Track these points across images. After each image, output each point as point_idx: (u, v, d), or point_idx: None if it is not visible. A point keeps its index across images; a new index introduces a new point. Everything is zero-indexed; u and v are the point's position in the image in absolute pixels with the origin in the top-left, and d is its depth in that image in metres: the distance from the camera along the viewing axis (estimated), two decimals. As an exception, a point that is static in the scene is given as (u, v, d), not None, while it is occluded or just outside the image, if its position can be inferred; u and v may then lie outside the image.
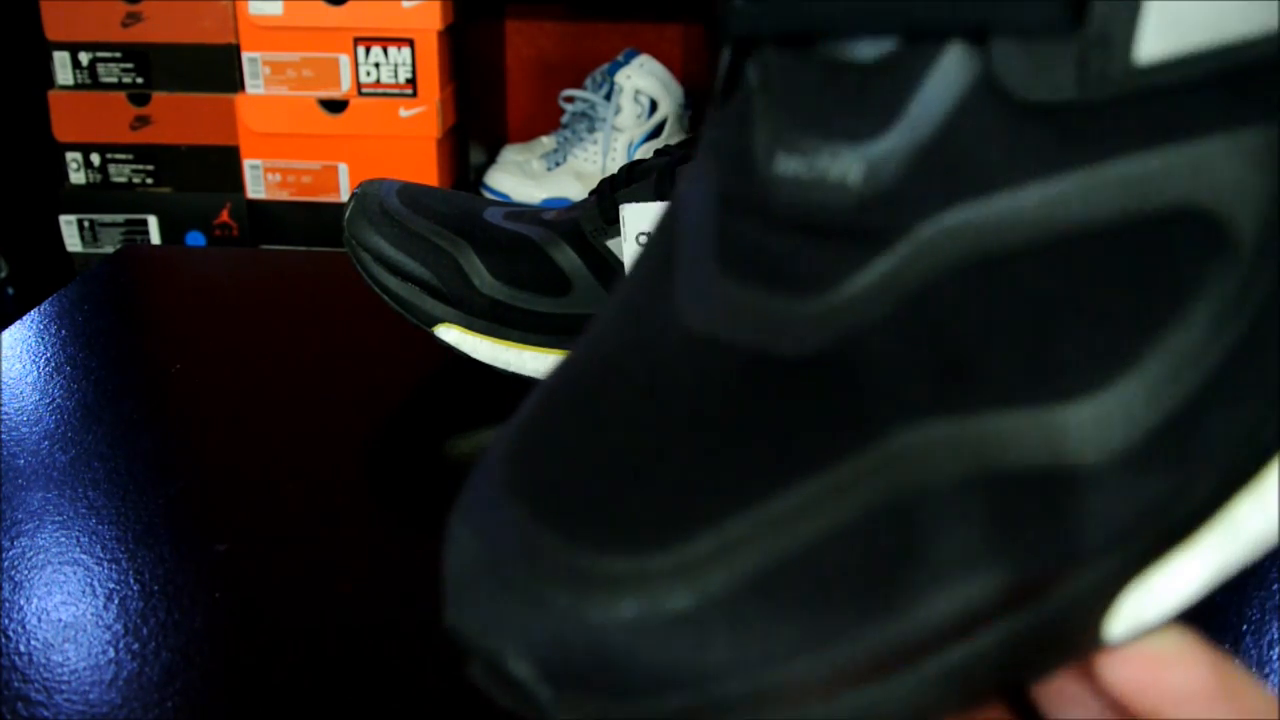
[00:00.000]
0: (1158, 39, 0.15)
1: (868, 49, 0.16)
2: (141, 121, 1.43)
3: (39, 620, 0.33)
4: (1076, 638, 0.16)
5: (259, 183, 1.44)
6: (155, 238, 1.47)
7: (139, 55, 1.40)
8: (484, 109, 1.58)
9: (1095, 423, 0.15)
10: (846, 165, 0.16)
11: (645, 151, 1.50)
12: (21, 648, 0.31)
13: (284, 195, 1.45)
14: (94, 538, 0.37)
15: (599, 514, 0.15)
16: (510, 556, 0.15)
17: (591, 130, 1.53)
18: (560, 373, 0.18)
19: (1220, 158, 0.15)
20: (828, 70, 0.16)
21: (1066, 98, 0.15)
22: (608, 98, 1.51)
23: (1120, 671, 0.17)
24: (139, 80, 1.41)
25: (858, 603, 0.14)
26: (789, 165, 0.17)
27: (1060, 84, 0.15)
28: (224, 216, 1.46)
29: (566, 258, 0.47)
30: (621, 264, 0.47)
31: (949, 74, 0.16)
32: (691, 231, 0.18)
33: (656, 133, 1.52)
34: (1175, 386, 0.15)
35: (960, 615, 0.15)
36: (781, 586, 0.14)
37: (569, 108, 1.56)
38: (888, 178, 0.16)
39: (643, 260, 0.19)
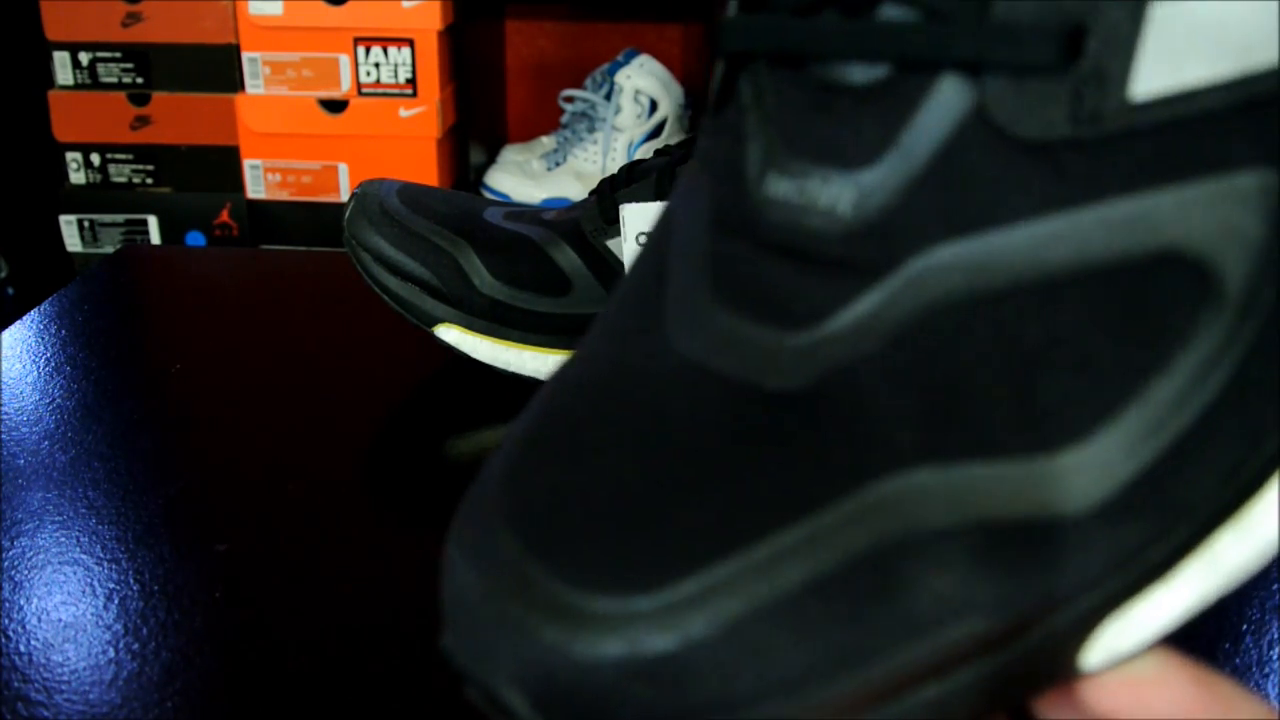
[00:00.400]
0: (1154, 75, 0.15)
1: (860, 73, 0.16)
2: (141, 121, 1.43)
3: (39, 620, 0.33)
4: (1053, 669, 0.16)
5: (259, 183, 1.44)
6: (155, 238, 1.47)
7: (139, 55, 1.40)
8: (484, 109, 1.58)
9: (1077, 474, 0.15)
10: (837, 192, 0.16)
11: (645, 151, 1.50)
12: (21, 648, 0.31)
13: (284, 195, 1.45)
14: (94, 538, 0.37)
15: (588, 552, 0.15)
16: (504, 588, 0.16)
17: (591, 130, 1.53)
18: (555, 391, 0.18)
19: (1212, 201, 0.15)
20: (820, 91, 0.16)
21: (1060, 135, 0.15)
22: (608, 98, 1.51)
23: (1103, 698, 0.17)
24: (139, 80, 1.41)
25: (835, 650, 0.15)
26: (780, 187, 0.16)
27: (1054, 121, 0.15)
28: (224, 216, 1.46)
29: (566, 258, 0.47)
30: (621, 264, 0.47)
31: (943, 105, 0.15)
32: (683, 251, 0.18)
33: (656, 133, 1.52)
34: (1156, 437, 0.15)
35: (937, 660, 0.15)
36: (761, 633, 0.15)
37: (569, 108, 1.56)
38: (878, 208, 0.16)
39: (634, 277, 0.19)
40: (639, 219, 0.46)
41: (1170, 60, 0.15)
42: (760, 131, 0.17)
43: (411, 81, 1.39)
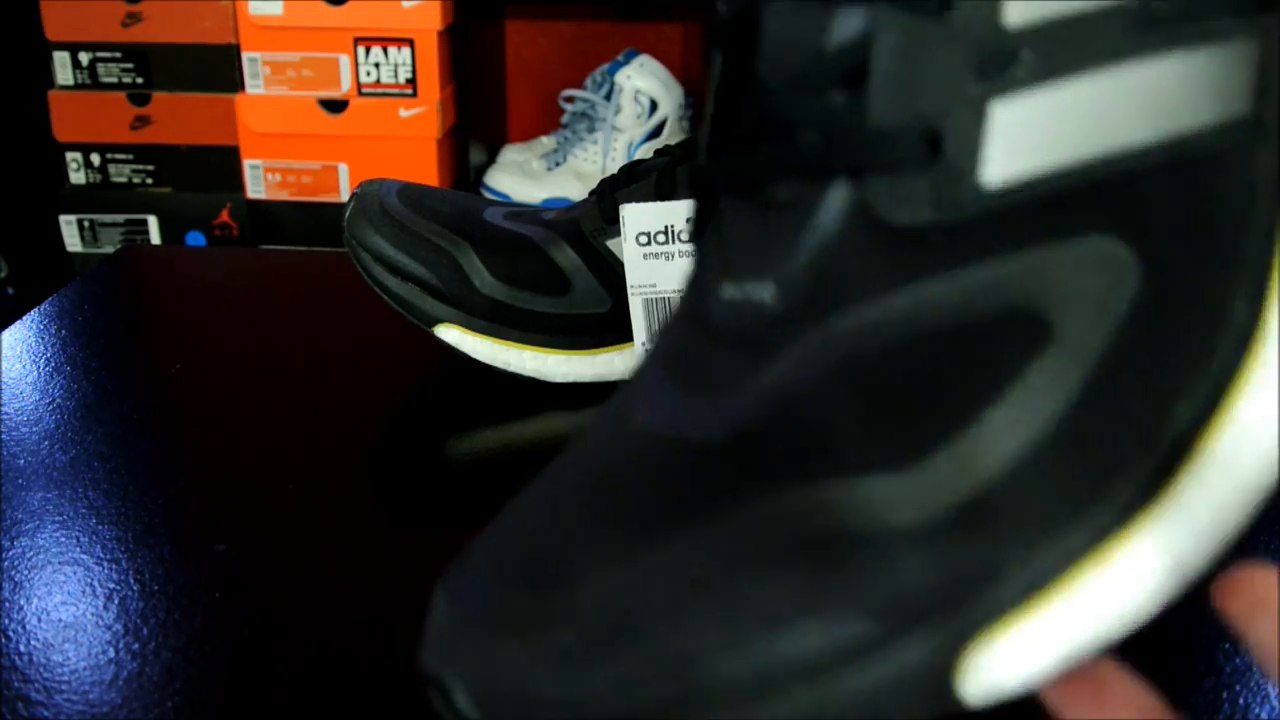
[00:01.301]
0: (1001, 166, 0.18)
1: (784, 190, 0.19)
2: (141, 121, 1.43)
3: (39, 620, 0.33)
4: (930, 696, 0.18)
5: (259, 183, 1.44)
6: (155, 238, 1.47)
7: (139, 55, 1.40)
8: (484, 109, 1.58)
9: (910, 490, 0.17)
10: (764, 288, 0.20)
11: (645, 151, 1.50)
12: (21, 648, 0.31)
13: (284, 195, 1.45)
14: (94, 538, 0.37)
15: (516, 565, 0.19)
16: (468, 609, 0.19)
17: (591, 130, 1.53)
18: (552, 465, 0.22)
19: (1051, 265, 0.18)
20: (758, 211, 0.20)
21: (926, 219, 0.18)
22: (608, 98, 1.51)
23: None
24: (139, 80, 1.41)
25: (702, 641, 0.17)
26: (729, 291, 0.20)
27: (920, 208, 0.18)
28: (224, 216, 1.46)
29: (566, 258, 0.47)
30: (621, 264, 0.47)
31: (834, 205, 0.19)
32: (657, 346, 0.22)
33: (656, 133, 1.52)
34: (984, 462, 0.17)
35: (791, 663, 0.17)
36: (632, 637, 0.17)
37: (569, 108, 1.56)
38: (789, 297, 0.19)
39: (632, 378, 0.23)
40: (639, 219, 0.46)
41: (1014, 154, 0.18)
42: (718, 249, 0.21)
43: (411, 81, 1.39)
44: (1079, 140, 0.18)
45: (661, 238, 0.46)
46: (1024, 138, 0.18)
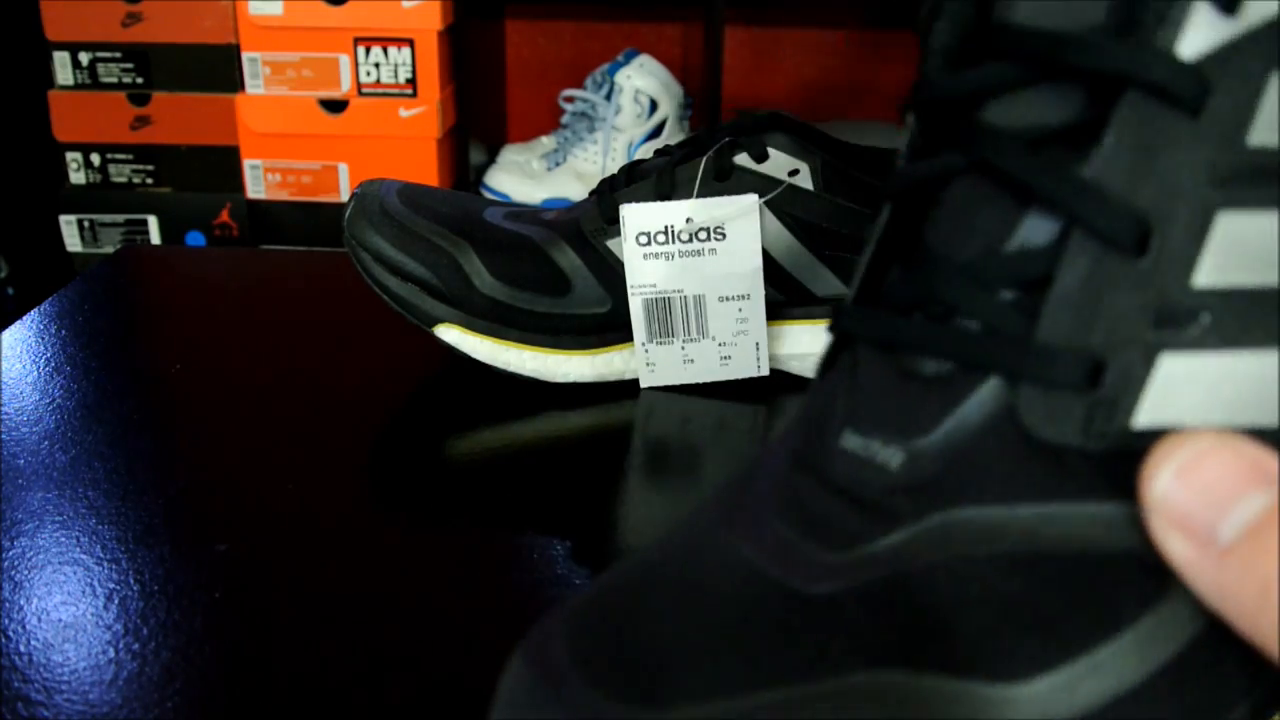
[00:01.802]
0: (1154, 413, 0.18)
1: (931, 366, 0.20)
2: (141, 121, 1.43)
3: (39, 620, 0.33)
4: None
5: (259, 183, 1.44)
6: (155, 238, 1.47)
7: (139, 55, 1.40)
8: (484, 109, 1.58)
9: (1012, 703, 0.18)
10: (892, 453, 0.20)
11: (645, 151, 1.50)
12: (21, 648, 0.31)
13: (284, 195, 1.45)
14: (94, 538, 0.37)
15: (616, 671, 0.19)
16: (556, 699, 0.19)
17: (591, 130, 1.52)
18: (638, 562, 0.22)
19: None
20: (900, 375, 0.20)
21: (1071, 442, 0.18)
22: (608, 98, 1.51)
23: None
24: (139, 80, 1.41)
25: None
26: (851, 441, 0.20)
27: (1067, 430, 0.18)
28: (224, 216, 1.46)
29: (566, 258, 0.47)
30: (621, 264, 0.47)
31: (984, 401, 0.19)
32: (765, 477, 0.22)
33: (656, 133, 1.52)
34: (1089, 690, 0.18)
35: None
36: None
37: (569, 108, 1.56)
38: (917, 471, 0.19)
39: (723, 489, 0.23)
40: (639, 219, 0.46)
41: (1169, 402, 0.18)
42: (849, 396, 0.21)
43: (411, 81, 1.39)
44: (1233, 409, 0.18)
45: (661, 238, 0.46)
46: (1183, 393, 0.18)
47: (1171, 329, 0.18)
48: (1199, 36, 0.17)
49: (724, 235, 0.46)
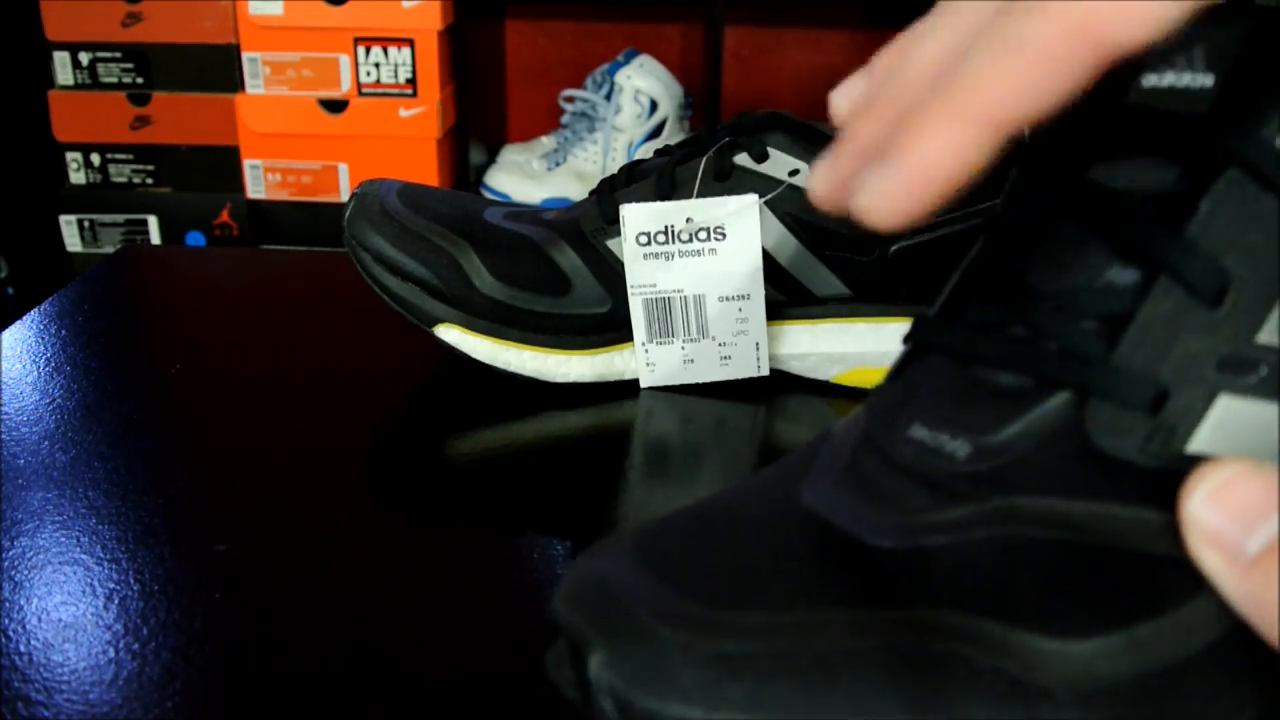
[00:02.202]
0: (1205, 443, 0.21)
1: (1007, 379, 0.23)
2: (141, 121, 1.43)
3: (39, 620, 0.33)
4: None
5: (259, 183, 1.44)
6: (155, 238, 1.47)
7: (139, 55, 1.40)
8: (484, 109, 1.58)
9: (1063, 661, 0.20)
10: (959, 445, 0.23)
11: (645, 151, 1.50)
12: (21, 648, 0.31)
13: (284, 195, 1.45)
14: (94, 538, 0.37)
15: (693, 576, 0.22)
16: (630, 592, 0.22)
17: (591, 130, 1.52)
18: (704, 502, 0.25)
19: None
20: (972, 383, 0.23)
21: (1129, 457, 0.21)
22: (608, 98, 1.51)
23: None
24: (139, 80, 1.41)
25: (822, 712, 0.20)
26: (919, 432, 0.23)
27: (1128, 446, 0.21)
28: (224, 216, 1.46)
29: (566, 258, 0.47)
30: (621, 264, 0.47)
31: (1054, 411, 0.22)
32: (830, 453, 0.25)
33: (656, 133, 1.52)
34: (1135, 660, 0.20)
35: None
36: (778, 669, 0.20)
37: (569, 108, 1.56)
38: (982, 460, 0.22)
39: (784, 462, 0.26)
40: (639, 219, 0.46)
41: (1220, 437, 0.21)
42: (922, 395, 0.24)
43: (411, 81, 1.39)
44: (1273, 451, 0.21)
45: (661, 238, 0.46)
46: (1233, 431, 0.21)
47: (1232, 374, 0.21)
48: None
49: (724, 235, 0.46)
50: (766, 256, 0.46)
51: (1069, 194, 0.22)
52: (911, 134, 0.19)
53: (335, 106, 1.40)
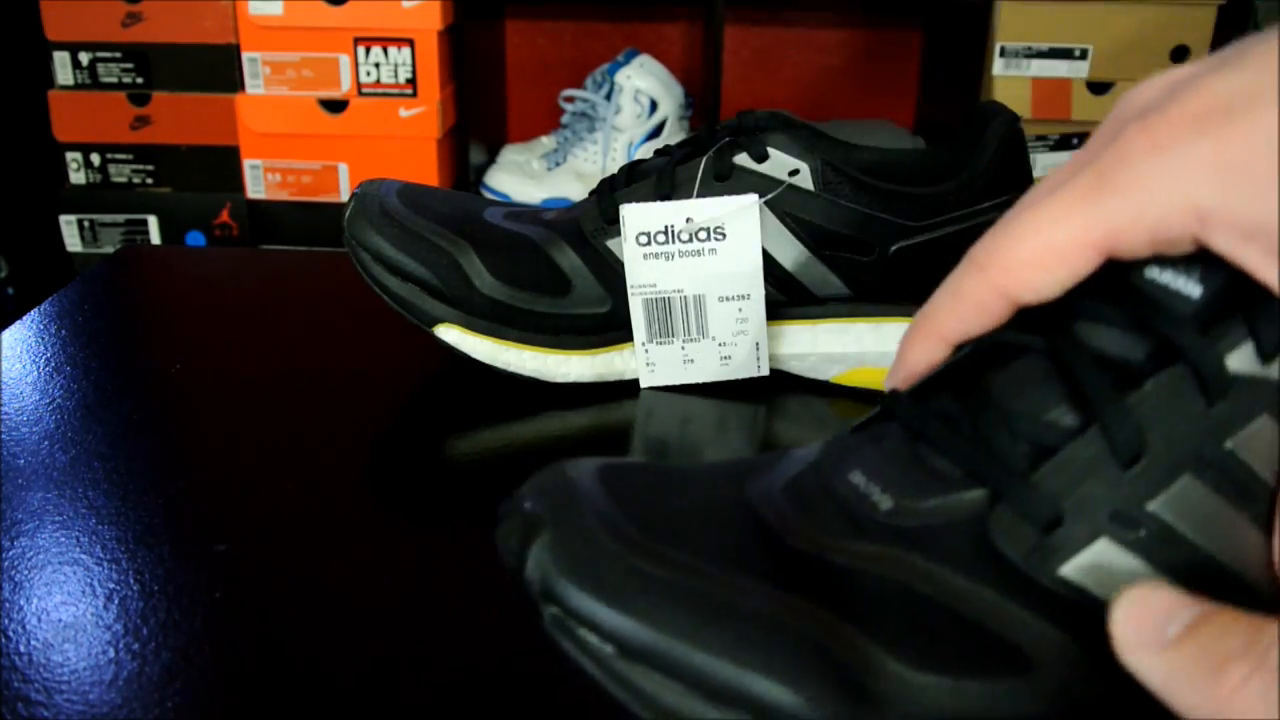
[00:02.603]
0: (1074, 571, 0.24)
1: (945, 464, 0.26)
2: (141, 121, 1.43)
3: (39, 620, 0.33)
4: None
5: (259, 183, 1.44)
6: (155, 238, 1.47)
7: (139, 55, 1.40)
8: (484, 109, 1.58)
9: (899, 680, 0.24)
10: (885, 499, 0.26)
11: (645, 151, 1.50)
12: (21, 648, 0.31)
13: (284, 195, 1.45)
14: (94, 538, 0.37)
15: (641, 508, 0.27)
16: (583, 505, 0.26)
17: (591, 130, 1.53)
18: (674, 465, 0.30)
19: (1040, 627, 0.25)
20: (918, 458, 0.27)
21: (1011, 558, 0.25)
22: (608, 98, 1.51)
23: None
24: (139, 80, 1.41)
25: (701, 648, 0.24)
26: (858, 478, 0.27)
27: (1013, 550, 0.25)
28: (224, 216, 1.46)
29: (566, 258, 0.47)
30: (621, 264, 0.47)
31: (969, 501, 0.26)
32: (784, 466, 0.29)
33: (656, 133, 1.52)
34: (964, 701, 0.24)
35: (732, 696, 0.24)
36: (679, 598, 0.25)
37: (569, 108, 1.56)
38: (898, 519, 0.26)
39: (754, 459, 0.30)
40: (639, 219, 0.46)
41: (1088, 570, 0.24)
42: (868, 448, 0.28)
43: (411, 81, 1.39)
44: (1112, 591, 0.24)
45: (661, 238, 0.46)
46: (1101, 570, 0.24)
47: (1118, 526, 0.24)
48: (1239, 361, 0.24)
49: (724, 235, 0.46)
50: (766, 256, 0.46)
51: (1052, 340, 0.26)
52: (903, 344, 0.30)
53: (335, 106, 1.40)
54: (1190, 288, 0.25)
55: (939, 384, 0.29)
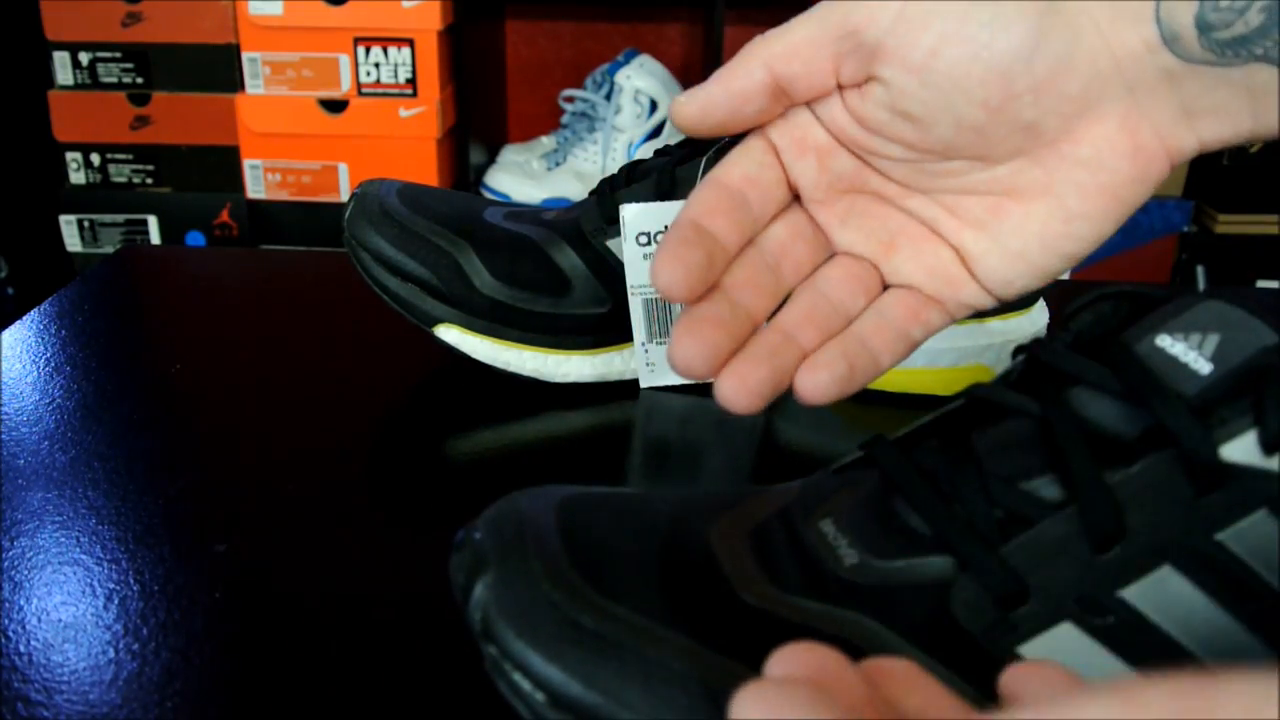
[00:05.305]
0: (1032, 648, 0.24)
1: (917, 522, 0.26)
2: (141, 121, 1.43)
3: (39, 620, 0.33)
4: None
5: (259, 183, 1.44)
6: (155, 238, 1.47)
7: (139, 55, 1.40)
8: (484, 109, 1.58)
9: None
10: (851, 553, 0.26)
11: (645, 151, 1.50)
12: (21, 648, 0.31)
13: (284, 195, 1.44)
14: (94, 538, 0.37)
15: (590, 553, 0.26)
16: (534, 532, 0.26)
17: (591, 130, 1.52)
18: (640, 495, 0.29)
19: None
20: (890, 513, 0.26)
21: (970, 629, 0.24)
22: (608, 98, 1.51)
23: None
24: (139, 80, 1.41)
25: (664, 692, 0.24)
26: (827, 527, 0.27)
27: (973, 623, 0.24)
28: (224, 216, 1.46)
29: (566, 258, 0.47)
30: (621, 264, 0.47)
31: (934, 567, 0.25)
32: (755, 505, 0.28)
33: (656, 133, 1.52)
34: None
35: None
36: (609, 654, 0.24)
37: (569, 108, 1.56)
38: (861, 576, 0.26)
39: (716, 494, 0.30)
40: (639, 219, 0.46)
41: (1047, 649, 0.24)
42: (842, 495, 0.28)
43: (411, 81, 1.39)
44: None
45: (661, 238, 0.46)
46: (1061, 654, 0.24)
47: (1085, 610, 0.24)
48: (1238, 450, 0.23)
49: (724, 235, 0.46)
50: (766, 256, 0.46)
51: (1046, 405, 0.25)
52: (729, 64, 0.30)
53: (335, 106, 1.40)
54: (1200, 364, 0.24)
55: (929, 431, 0.28)
